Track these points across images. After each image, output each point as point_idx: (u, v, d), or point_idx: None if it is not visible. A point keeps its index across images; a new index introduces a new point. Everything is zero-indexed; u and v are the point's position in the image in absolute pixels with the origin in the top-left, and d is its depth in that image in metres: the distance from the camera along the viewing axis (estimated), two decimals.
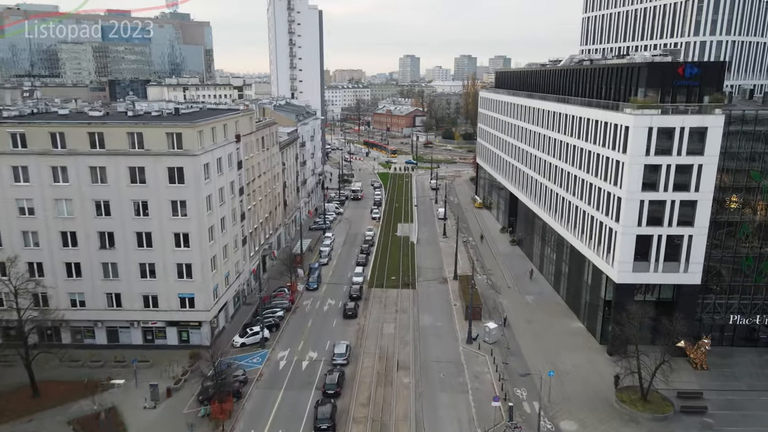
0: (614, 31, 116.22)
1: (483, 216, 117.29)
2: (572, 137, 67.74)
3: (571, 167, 68.26)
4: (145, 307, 58.18)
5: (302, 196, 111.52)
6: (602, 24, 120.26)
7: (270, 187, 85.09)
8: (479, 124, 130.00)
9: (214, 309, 59.75)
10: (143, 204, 55.27)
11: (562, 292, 73.49)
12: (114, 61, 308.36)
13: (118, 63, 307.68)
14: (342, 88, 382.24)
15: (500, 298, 73.74)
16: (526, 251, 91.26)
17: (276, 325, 65.03)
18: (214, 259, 59.65)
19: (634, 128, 52.60)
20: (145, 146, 54.17)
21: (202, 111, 68.36)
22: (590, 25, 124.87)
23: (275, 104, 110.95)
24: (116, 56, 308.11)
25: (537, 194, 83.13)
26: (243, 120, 70.98)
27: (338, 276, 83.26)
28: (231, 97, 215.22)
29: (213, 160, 58.76)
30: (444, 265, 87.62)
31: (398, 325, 66.21)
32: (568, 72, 75.37)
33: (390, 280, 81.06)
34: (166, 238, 56.02)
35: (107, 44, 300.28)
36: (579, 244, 66.50)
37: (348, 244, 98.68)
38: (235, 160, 66.72)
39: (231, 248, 65.32)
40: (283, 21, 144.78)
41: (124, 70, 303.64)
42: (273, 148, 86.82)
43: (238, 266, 68.65)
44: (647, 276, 56.04)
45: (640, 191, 53.87)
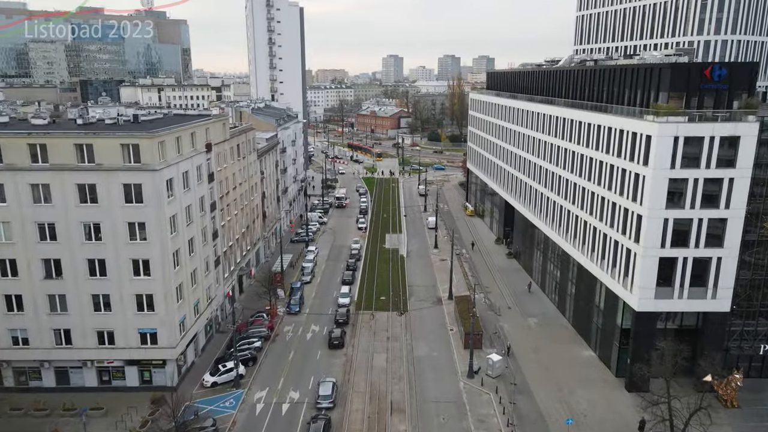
0: (610, 29, 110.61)
1: (475, 225, 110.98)
2: (580, 145, 61.52)
3: (579, 178, 62.03)
4: (99, 345, 50.43)
5: (283, 206, 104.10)
6: (597, 23, 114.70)
7: (247, 199, 77.64)
8: (469, 127, 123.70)
9: (180, 344, 52.24)
10: (95, 227, 47.57)
11: (568, 314, 67.26)
12: (87, 61, 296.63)
13: (92, 62, 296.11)
14: (325, 89, 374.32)
15: (501, 321, 67.27)
16: (524, 265, 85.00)
17: (253, 358, 57.70)
18: (180, 287, 52.15)
19: (658, 138, 46.40)
20: (96, 160, 46.47)
21: (167, 118, 60.74)
22: (584, 23, 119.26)
23: (253, 107, 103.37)
24: (89, 55, 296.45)
25: (537, 205, 76.90)
26: (215, 127, 63.50)
27: (322, 296, 76.13)
28: (209, 98, 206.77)
29: (178, 175, 51.26)
30: (437, 282, 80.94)
31: (390, 356, 59.33)
32: (571, 73, 69.19)
33: (379, 301, 74.12)
34: (122, 265, 48.39)
35: (80, 43, 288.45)
36: (588, 264, 60.29)
37: (333, 259, 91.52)
38: (205, 172, 59.26)
39: (201, 272, 57.83)
40: (262, 18, 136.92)
41: (97, 70, 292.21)
42: (250, 156, 79.35)
43: (210, 291, 61.17)
44: (671, 303, 49.92)
45: (664, 208, 47.73)
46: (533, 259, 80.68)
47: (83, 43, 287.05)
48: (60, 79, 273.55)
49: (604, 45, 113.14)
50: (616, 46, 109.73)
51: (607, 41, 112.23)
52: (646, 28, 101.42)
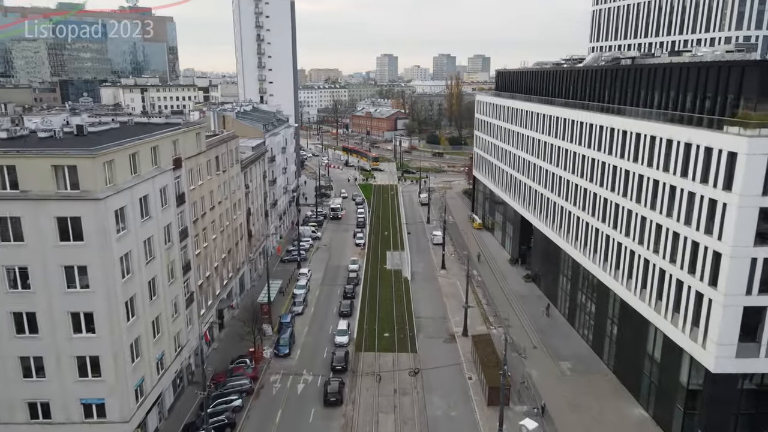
0: (632, 25, 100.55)
1: (484, 240, 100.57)
2: (624, 160, 51.26)
3: (623, 199, 51.79)
4: (31, 419, 39.61)
5: (272, 220, 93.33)
6: (617, 17, 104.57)
7: (228, 219, 66.92)
8: (476, 132, 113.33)
9: (137, 415, 41.51)
10: (21, 272, 36.88)
11: (607, 358, 56.93)
12: (71, 60, 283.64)
13: (76, 62, 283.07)
14: (318, 89, 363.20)
15: (527, 366, 56.91)
16: (546, 291, 74.61)
17: (231, 424, 46.99)
18: (136, 342, 41.45)
19: (747, 156, 36.15)
20: (20, 186, 35.77)
21: (125, 128, 49.87)
22: (602, 18, 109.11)
23: (238, 111, 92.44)
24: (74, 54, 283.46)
25: (564, 225, 66.65)
26: (186, 138, 52.70)
27: (317, 331, 65.56)
28: (195, 99, 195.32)
29: (133, 202, 40.55)
30: (447, 312, 70.51)
31: (399, 417, 48.82)
32: (607, 73, 58.98)
33: (382, 338, 63.61)
34: (58, 320, 37.66)
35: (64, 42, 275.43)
36: (636, 302, 50.04)
37: (328, 283, 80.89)
38: (173, 194, 48.54)
39: (167, 318, 47.10)
40: (250, 13, 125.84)
41: (80, 70, 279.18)
42: (232, 169, 68.62)
43: (180, 338, 50.46)
44: (756, 363, 39.73)
45: (752, 245, 37.52)
46: (558, 285, 70.36)
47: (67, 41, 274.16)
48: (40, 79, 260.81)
49: (624, 42, 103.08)
50: (639, 43, 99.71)
51: (629, 38, 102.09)
52: (675, 23, 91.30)
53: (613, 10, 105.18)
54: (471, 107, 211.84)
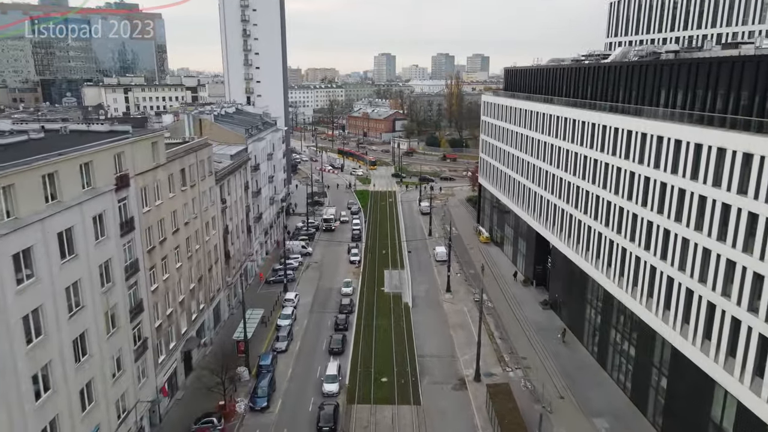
0: (656, 18, 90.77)
1: (492, 255, 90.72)
2: (683, 177, 41.42)
3: (678, 225, 41.94)
4: None
5: (256, 236, 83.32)
6: (637, 11, 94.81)
7: (199, 241, 56.95)
8: (482, 136, 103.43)
9: None
10: None
11: (652, 414, 47.03)
12: (58, 59, 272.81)
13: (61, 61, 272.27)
14: (314, 88, 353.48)
15: (554, 424, 47.03)
16: (569, 322, 64.65)
17: None
18: (52, 425, 31.39)
19: None
20: None
21: (52, 138, 39.73)
22: (620, 11, 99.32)
23: (217, 113, 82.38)
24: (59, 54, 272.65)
25: (591, 246, 56.84)
26: (139, 148, 42.69)
27: (302, 376, 55.54)
28: (183, 100, 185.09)
29: (47, 238, 30.52)
30: (455, 348, 60.60)
31: None
32: (647, 69, 49.17)
33: (380, 384, 53.64)
34: None
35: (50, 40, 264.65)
36: (695, 354, 40.21)
37: (318, 309, 70.91)
38: (115, 221, 38.52)
39: (104, 380, 37.07)
40: (235, 6, 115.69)
41: (66, 69, 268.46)
42: (205, 182, 58.65)
43: (126, 400, 40.42)
44: None
45: None
46: (584, 317, 60.48)
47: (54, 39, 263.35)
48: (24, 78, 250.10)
49: (647, 37, 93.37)
50: (663, 37, 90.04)
51: (652, 32, 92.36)
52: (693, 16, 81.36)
53: (633, 3, 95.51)
54: (471, 107, 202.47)
